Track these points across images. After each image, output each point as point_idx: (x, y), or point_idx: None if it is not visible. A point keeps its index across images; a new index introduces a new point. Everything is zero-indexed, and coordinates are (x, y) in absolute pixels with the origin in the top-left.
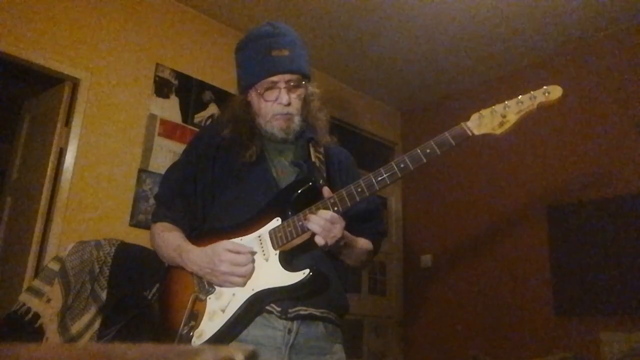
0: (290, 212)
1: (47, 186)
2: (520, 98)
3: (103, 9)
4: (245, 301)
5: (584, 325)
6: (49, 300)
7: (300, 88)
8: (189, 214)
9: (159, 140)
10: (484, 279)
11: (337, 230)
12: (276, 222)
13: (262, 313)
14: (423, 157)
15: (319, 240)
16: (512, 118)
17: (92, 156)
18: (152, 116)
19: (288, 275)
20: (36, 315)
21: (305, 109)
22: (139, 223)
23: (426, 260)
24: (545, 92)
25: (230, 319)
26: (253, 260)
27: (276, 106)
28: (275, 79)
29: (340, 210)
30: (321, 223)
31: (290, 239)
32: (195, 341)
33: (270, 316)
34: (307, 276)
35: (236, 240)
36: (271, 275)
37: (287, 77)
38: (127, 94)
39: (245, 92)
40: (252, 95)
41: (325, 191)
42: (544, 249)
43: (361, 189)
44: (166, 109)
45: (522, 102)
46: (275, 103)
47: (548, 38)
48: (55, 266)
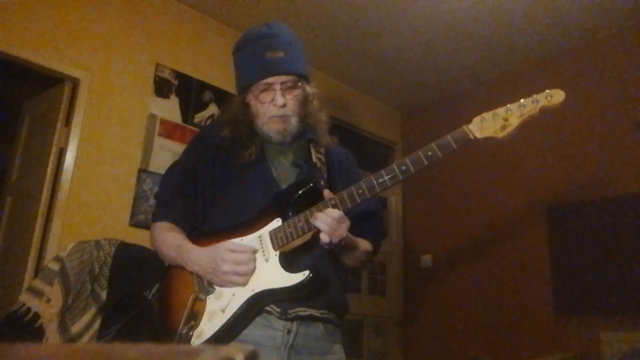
0: (290, 213)
1: (47, 186)
2: (522, 102)
3: (103, 9)
4: (245, 301)
5: (584, 325)
6: (49, 300)
7: (296, 89)
8: (189, 213)
9: (159, 140)
10: (484, 278)
11: (343, 229)
12: (277, 223)
13: (262, 313)
14: (424, 160)
15: (324, 237)
16: (514, 122)
17: (92, 156)
18: (152, 116)
19: (288, 276)
20: (36, 315)
21: (304, 110)
22: (139, 223)
23: (426, 260)
24: (548, 96)
25: (229, 319)
26: (255, 259)
27: (272, 108)
28: (270, 80)
29: (342, 212)
30: (328, 221)
31: (290, 239)
32: (195, 341)
33: (269, 316)
34: (307, 277)
35: (237, 240)
36: (271, 276)
37: (283, 79)
38: (127, 94)
39: (243, 93)
40: (250, 96)
41: (326, 193)
42: (544, 249)
43: (362, 191)
44: (166, 109)
45: (525, 106)
46: (271, 105)
47: (548, 38)
48: (55, 266)
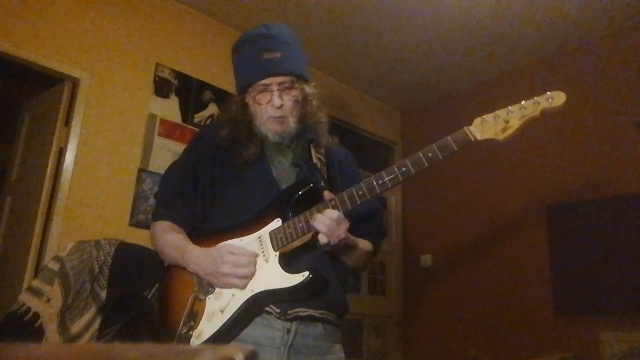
0: (290, 214)
1: (47, 186)
2: (523, 104)
3: (103, 9)
4: (245, 302)
5: (584, 325)
6: (49, 300)
7: (294, 90)
8: (189, 213)
9: (159, 140)
10: (484, 279)
11: (342, 231)
12: (277, 224)
13: (262, 314)
14: (425, 162)
15: (323, 239)
16: (516, 124)
17: (92, 156)
18: (152, 116)
19: (288, 278)
20: (36, 315)
21: (304, 110)
22: (139, 223)
23: (426, 260)
24: (549, 99)
25: (229, 319)
26: (255, 263)
27: (270, 109)
28: (267, 81)
29: (341, 213)
30: (327, 223)
31: (290, 240)
32: (194, 341)
33: (269, 317)
34: (307, 278)
35: (237, 240)
36: (271, 277)
37: (280, 80)
38: (127, 94)
39: (242, 94)
40: (248, 97)
41: (326, 194)
42: (544, 249)
43: (362, 192)
44: (166, 109)
45: (526, 108)
46: (269, 106)
47: (548, 38)
48: (55, 266)
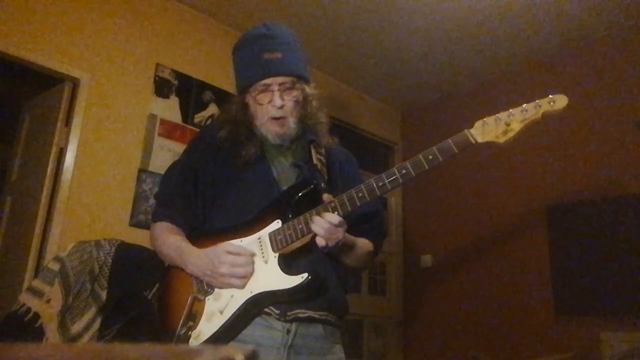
0: (290, 215)
1: (47, 186)
2: (524, 106)
3: (103, 9)
4: (244, 303)
5: (584, 325)
6: (49, 300)
7: (294, 90)
8: (189, 213)
9: (159, 140)
10: (484, 278)
11: (340, 233)
12: (276, 225)
13: (261, 315)
14: (425, 164)
15: (320, 241)
16: (517, 127)
17: (92, 156)
18: (152, 116)
19: (287, 279)
20: (36, 315)
21: (304, 111)
22: (139, 223)
23: (426, 260)
24: (551, 101)
25: (228, 320)
26: (253, 263)
27: (270, 109)
28: (267, 81)
29: (341, 215)
30: (325, 226)
31: (290, 242)
32: (193, 342)
33: (268, 318)
34: (306, 280)
35: (236, 241)
36: (270, 278)
37: (280, 80)
38: (127, 94)
39: (242, 94)
40: (248, 97)
41: (325, 196)
42: (544, 249)
43: (362, 194)
44: (166, 109)
45: (527, 111)
46: (269, 106)
47: (548, 38)
48: (55, 266)
